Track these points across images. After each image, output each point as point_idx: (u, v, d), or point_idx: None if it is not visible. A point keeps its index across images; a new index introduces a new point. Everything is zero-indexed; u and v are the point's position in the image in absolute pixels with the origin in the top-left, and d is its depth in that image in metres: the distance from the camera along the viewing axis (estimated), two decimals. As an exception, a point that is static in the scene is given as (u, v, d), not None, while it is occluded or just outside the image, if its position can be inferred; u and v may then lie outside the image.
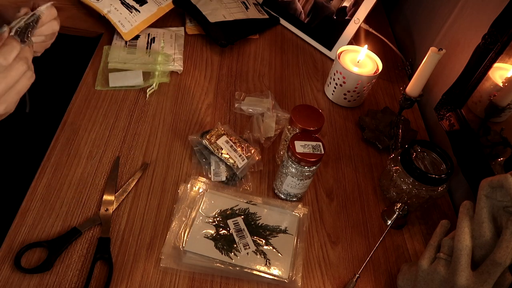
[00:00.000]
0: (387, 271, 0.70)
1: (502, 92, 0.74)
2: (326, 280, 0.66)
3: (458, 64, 0.85)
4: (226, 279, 0.63)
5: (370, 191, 0.81)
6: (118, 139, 0.77)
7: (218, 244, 0.65)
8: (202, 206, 0.70)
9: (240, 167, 0.74)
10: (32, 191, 0.67)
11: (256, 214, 0.71)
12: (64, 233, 0.63)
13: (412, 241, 0.75)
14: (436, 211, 0.80)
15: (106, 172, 0.72)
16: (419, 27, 1.12)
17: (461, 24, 0.93)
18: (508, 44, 0.71)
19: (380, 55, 0.96)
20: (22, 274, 0.58)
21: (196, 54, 0.99)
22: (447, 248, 0.56)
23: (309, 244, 0.70)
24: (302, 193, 0.74)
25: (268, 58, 1.04)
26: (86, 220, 0.65)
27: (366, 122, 0.91)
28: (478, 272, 0.51)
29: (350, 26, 1.04)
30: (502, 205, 0.52)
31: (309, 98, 0.97)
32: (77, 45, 0.97)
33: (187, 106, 0.87)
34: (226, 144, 0.75)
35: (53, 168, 0.70)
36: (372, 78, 0.91)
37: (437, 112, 0.86)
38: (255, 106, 0.88)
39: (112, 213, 0.66)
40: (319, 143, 0.68)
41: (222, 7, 1.06)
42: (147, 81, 0.87)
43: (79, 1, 0.94)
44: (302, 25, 1.11)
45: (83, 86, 0.85)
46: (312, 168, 0.68)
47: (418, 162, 0.75)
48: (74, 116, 0.79)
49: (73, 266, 0.60)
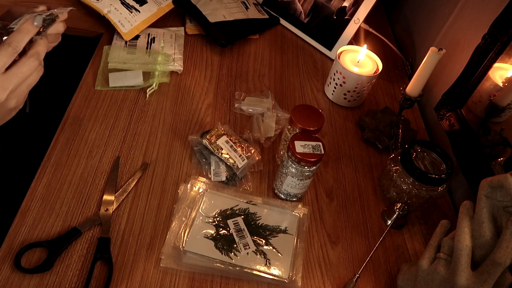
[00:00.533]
0: (387, 271, 0.70)
1: (502, 92, 0.74)
2: (326, 280, 0.66)
3: (458, 64, 0.85)
4: (226, 279, 0.63)
5: (370, 191, 0.81)
6: (118, 139, 0.77)
7: (218, 244, 0.65)
8: (202, 206, 0.70)
9: (240, 167, 0.74)
10: (32, 191, 0.67)
11: (256, 214, 0.71)
12: (64, 233, 0.63)
13: (412, 241, 0.75)
14: (436, 211, 0.80)
15: (106, 172, 0.72)
16: (419, 27, 1.12)
17: (461, 24, 0.93)
18: (508, 44, 0.71)
19: (380, 55, 0.96)
20: (22, 274, 0.58)
21: (196, 54, 0.99)
22: (447, 248, 0.56)
23: (309, 244, 0.70)
24: (302, 193, 0.74)
25: (268, 58, 1.04)
26: (86, 220, 0.65)
27: (366, 122, 0.91)
28: (478, 272, 0.51)
29: (350, 26, 1.04)
30: (502, 205, 0.52)
31: (309, 98, 0.97)
32: (77, 45, 0.97)
33: (187, 106, 0.87)
34: (226, 144, 0.75)
35: (53, 168, 0.70)
36: (372, 78, 0.91)
37: (437, 112, 0.86)
38: (255, 106, 0.88)
39: (112, 213, 0.66)
40: (319, 143, 0.68)
41: (222, 7, 1.06)
42: (147, 81, 0.87)
43: (79, 1, 0.94)
44: (302, 25, 1.11)
45: (83, 86, 0.85)
46: (312, 168, 0.68)
47: (418, 162, 0.75)
48: (74, 116, 0.79)
49: (73, 266, 0.60)
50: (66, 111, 0.80)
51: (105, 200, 0.68)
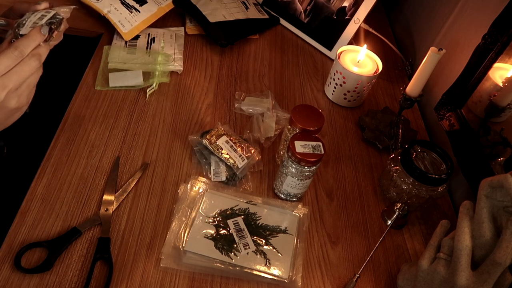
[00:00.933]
0: (387, 271, 0.70)
1: (502, 92, 0.74)
2: (326, 280, 0.66)
3: (458, 64, 0.85)
4: (226, 279, 0.63)
5: (370, 191, 0.81)
6: (118, 139, 0.77)
7: (218, 244, 0.65)
8: (202, 206, 0.70)
9: (240, 167, 0.74)
10: (32, 191, 0.67)
11: (256, 214, 0.71)
12: (64, 233, 0.63)
13: (412, 241, 0.75)
14: (436, 211, 0.80)
15: (106, 172, 0.72)
16: (419, 27, 1.12)
17: (461, 24, 0.93)
18: (508, 44, 0.71)
19: (380, 55, 0.96)
20: (22, 274, 0.58)
21: (196, 54, 0.99)
22: (447, 248, 0.56)
23: (309, 244, 0.70)
24: (302, 193, 0.74)
25: (268, 58, 1.04)
26: (86, 220, 0.65)
27: (366, 122, 0.91)
28: (478, 272, 0.51)
29: (350, 26, 1.04)
30: (502, 205, 0.52)
31: (309, 98, 0.97)
32: (77, 45, 0.97)
33: (187, 106, 0.87)
34: (226, 144, 0.75)
35: (53, 168, 0.70)
36: (372, 78, 0.91)
37: (437, 112, 0.86)
38: (255, 106, 0.88)
39: (112, 213, 0.66)
40: (319, 143, 0.68)
41: (222, 7, 1.06)
42: (147, 81, 0.87)
43: (79, 1, 0.94)
44: (302, 25, 1.11)
45: (83, 86, 0.85)
46: (312, 168, 0.68)
47: (418, 162, 0.75)
48: (74, 116, 0.79)
49: (73, 266, 0.60)
50: (66, 111, 0.80)
51: (105, 200, 0.68)
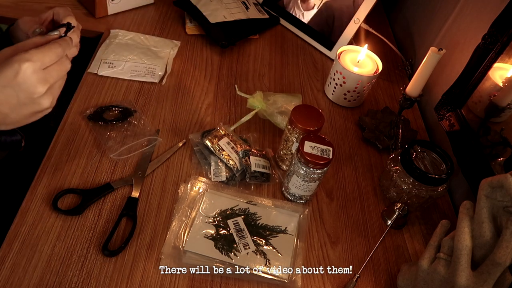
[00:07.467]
0: (387, 271, 0.70)
1: (502, 92, 0.74)
2: (326, 280, 0.66)
3: (458, 64, 0.85)
4: (226, 279, 0.63)
5: (370, 191, 0.81)
6: (118, 139, 0.77)
7: (218, 244, 0.65)
8: (202, 206, 0.70)
9: (240, 168, 0.74)
10: (32, 191, 0.67)
11: (256, 214, 0.71)
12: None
13: (412, 241, 0.75)
14: (436, 211, 0.80)
15: (107, 172, 0.72)
16: (419, 27, 1.12)
17: (461, 24, 0.93)
18: (508, 44, 0.71)
19: (380, 55, 0.96)
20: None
21: (196, 54, 0.99)
22: (447, 248, 0.56)
23: (309, 244, 0.70)
24: (307, 196, 0.74)
25: (268, 58, 1.04)
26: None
27: (366, 122, 0.91)
28: (478, 272, 0.51)
29: (350, 26, 1.04)
30: (502, 205, 0.52)
31: (309, 98, 0.97)
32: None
33: (187, 106, 0.87)
34: (227, 145, 0.75)
35: (53, 168, 0.70)
36: (372, 78, 0.91)
37: (437, 112, 0.86)
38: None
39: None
40: (329, 148, 0.67)
41: (223, 8, 1.06)
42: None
43: (79, 1, 0.94)
44: (302, 25, 1.11)
45: (83, 86, 0.85)
46: (317, 170, 0.67)
47: (418, 162, 0.75)
48: (74, 116, 0.79)
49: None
50: (66, 111, 0.80)
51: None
